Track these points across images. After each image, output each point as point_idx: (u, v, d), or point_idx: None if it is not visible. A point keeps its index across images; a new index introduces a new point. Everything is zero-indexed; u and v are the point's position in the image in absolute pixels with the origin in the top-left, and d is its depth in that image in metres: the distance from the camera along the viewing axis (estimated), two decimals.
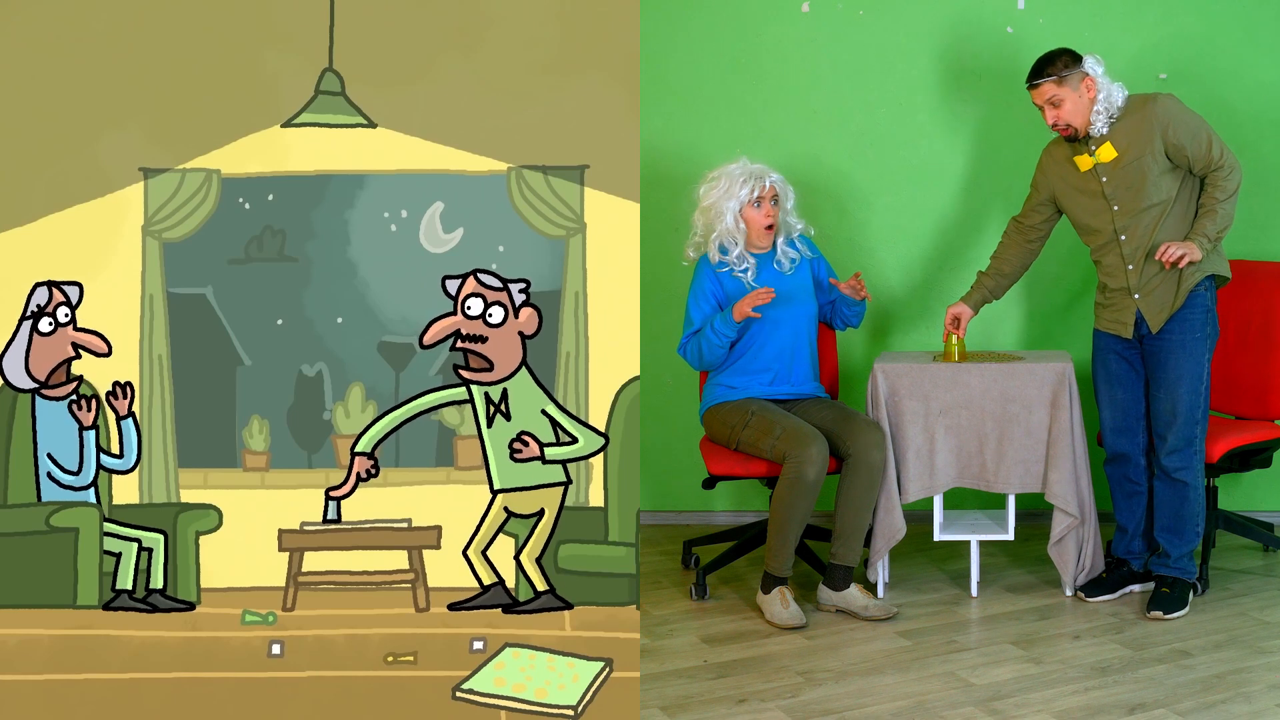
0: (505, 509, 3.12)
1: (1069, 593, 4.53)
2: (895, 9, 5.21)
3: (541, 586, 3.12)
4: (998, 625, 4.31)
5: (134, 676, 3.06)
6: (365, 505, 3.14)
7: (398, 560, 3.14)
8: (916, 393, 4.50)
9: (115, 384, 3.09)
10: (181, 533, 3.09)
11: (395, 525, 3.15)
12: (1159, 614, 4.28)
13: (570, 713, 3.08)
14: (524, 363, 3.09)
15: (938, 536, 4.60)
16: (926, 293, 5.29)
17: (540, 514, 3.12)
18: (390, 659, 3.09)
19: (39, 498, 3.10)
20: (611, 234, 3.11)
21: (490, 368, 3.08)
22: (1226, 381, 4.88)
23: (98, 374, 3.09)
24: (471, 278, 3.07)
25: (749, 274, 4.55)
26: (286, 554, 3.10)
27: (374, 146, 3.08)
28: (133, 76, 3.04)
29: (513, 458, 3.11)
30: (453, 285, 3.08)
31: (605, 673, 3.10)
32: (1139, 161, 4.25)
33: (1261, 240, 5.18)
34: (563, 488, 3.12)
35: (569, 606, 3.12)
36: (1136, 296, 4.32)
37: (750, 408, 4.46)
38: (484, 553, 3.13)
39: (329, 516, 3.10)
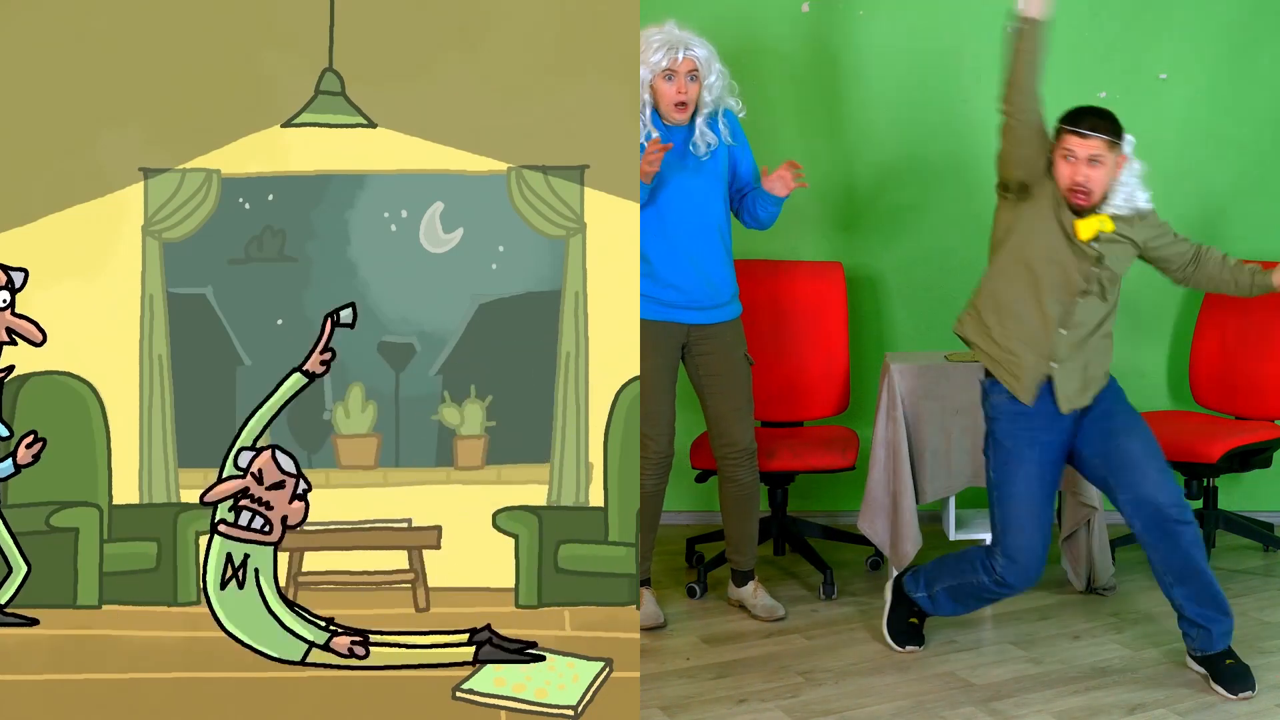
0: None
1: (1080, 588, 4.53)
2: (895, 9, 5.21)
3: None
4: (998, 625, 4.31)
5: (134, 676, 3.06)
6: (365, 505, 3.14)
7: (398, 560, 3.14)
8: (932, 392, 4.47)
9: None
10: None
11: (395, 525, 3.14)
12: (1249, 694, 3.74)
13: (570, 713, 3.08)
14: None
15: (952, 536, 4.60)
16: (926, 294, 5.29)
17: None
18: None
19: None
20: (611, 234, 3.10)
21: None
22: (1226, 381, 4.88)
23: (100, 374, 3.08)
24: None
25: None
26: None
27: (374, 146, 3.08)
28: (133, 76, 3.03)
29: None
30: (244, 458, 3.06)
31: (605, 673, 3.10)
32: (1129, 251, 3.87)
33: (1262, 240, 5.17)
34: None
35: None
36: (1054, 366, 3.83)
37: (643, 367, 3.54)
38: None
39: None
